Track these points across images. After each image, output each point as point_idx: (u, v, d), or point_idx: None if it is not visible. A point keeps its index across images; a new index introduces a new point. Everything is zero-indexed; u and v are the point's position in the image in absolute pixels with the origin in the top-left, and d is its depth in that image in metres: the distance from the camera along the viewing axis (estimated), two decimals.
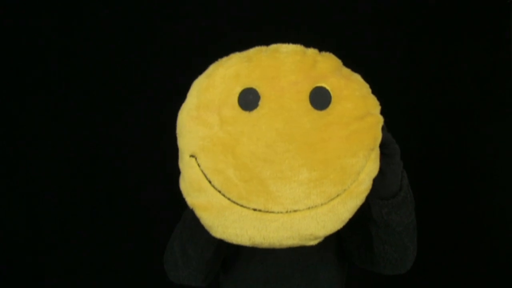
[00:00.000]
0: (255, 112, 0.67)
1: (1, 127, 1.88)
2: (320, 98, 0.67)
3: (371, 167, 0.69)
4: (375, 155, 0.70)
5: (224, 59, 0.73)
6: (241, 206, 0.66)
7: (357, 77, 0.71)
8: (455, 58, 1.90)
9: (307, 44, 0.72)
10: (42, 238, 1.89)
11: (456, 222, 1.88)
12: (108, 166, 1.89)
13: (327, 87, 0.68)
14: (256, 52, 0.70)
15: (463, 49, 1.90)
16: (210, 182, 0.67)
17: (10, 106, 1.88)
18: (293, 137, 0.66)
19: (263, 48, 0.71)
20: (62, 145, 1.88)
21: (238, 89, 0.68)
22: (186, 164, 0.69)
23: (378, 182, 0.73)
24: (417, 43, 1.90)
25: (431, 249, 1.88)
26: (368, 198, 0.73)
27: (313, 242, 0.68)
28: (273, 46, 0.71)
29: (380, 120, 0.70)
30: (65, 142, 1.88)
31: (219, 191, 0.66)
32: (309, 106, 0.67)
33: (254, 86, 0.68)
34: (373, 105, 0.70)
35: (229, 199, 0.66)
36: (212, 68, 0.74)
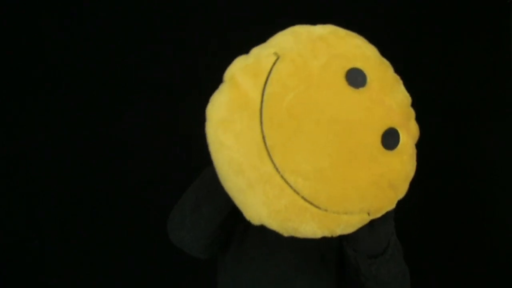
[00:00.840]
0: None
1: (1, 127, 1.88)
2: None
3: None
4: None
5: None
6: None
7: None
8: (455, 58, 1.90)
9: None
10: (42, 238, 1.89)
11: (456, 222, 1.88)
12: (108, 166, 1.89)
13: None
14: None
15: (463, 49, 1.90)
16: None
17: (10, 106, 1.88)
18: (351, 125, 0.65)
19: None
20: (62, 145, 1.88)
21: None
22: None
23: (368, 240, 0.74)
24: (417, 43, 1.90)
25: (431, 249, 1.88)
26: (356, 256, 0.75)
27: None
28: None
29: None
30: (65, 142, 1.88)
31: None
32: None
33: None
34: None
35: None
36: None
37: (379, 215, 0.67)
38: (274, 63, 0.64)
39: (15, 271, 1.89)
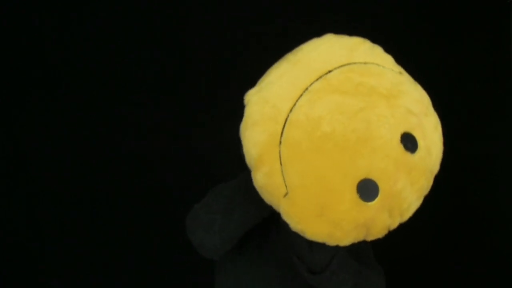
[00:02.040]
0: None
1: (1, 127, 1.88)
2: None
3: None
4: None
5: None
6: None
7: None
8: (455, 58, 1.90)
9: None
10: (42, 238, 1.89)
11: (456, 222, 1.88)
12: (108, 166, 1.89)
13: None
14: None
15: (463, 49, 1.90)
16: None
17: (10, 106, 1.88)
18: None
19: None
20: (62, 145, 1.88)
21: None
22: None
23: (306, 257, 0.77)
24: (417, 43, 1.89)
25: (431, 249, 1.88)
26: (298, 266, 0.78)
27: None
28: None
29: None
30: (65, 142, 1.88)
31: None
32: None
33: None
34: None
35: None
36: None
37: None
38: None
39: (15, 271, 1.89)
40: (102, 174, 1.88)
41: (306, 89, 0.66)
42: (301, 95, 0.66)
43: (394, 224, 0.70)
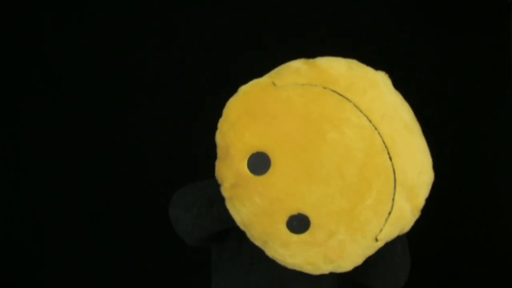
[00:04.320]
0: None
1: (1, 127, 1.88)
2: None
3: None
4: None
5: None
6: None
7: None
8: (455, 58, 1.90)
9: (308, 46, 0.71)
10: (42, 238, 1.89)
11: (456, 222, 1.88)
12: (108, 166, 1.89)
13: None
14: None
15: (463, 49, 1.90)
16: None
17: (10, 106, 1.88)
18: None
19: None
20: (62, 145, 1.88)
21: None
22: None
23: None
24: (417, 43, 1.90)
25: (430, 249, 1.88)
26: None
27: None
28: None
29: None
30: (65, 142, 1.88)
31: None
32: None
33: None
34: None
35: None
36: None
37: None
38: None
39: (15, 271, 1.89)
40: (102, 174, 1.88)
41: None
42: None
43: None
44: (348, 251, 0.68)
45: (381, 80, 0.71)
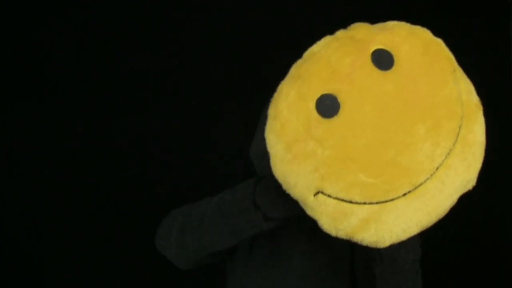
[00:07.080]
0: (340, 115, 0.60)
1: (1, 127, 1.88)
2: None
3: (464, 84, 0.70)
4: (461, 73, 0.70)
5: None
6: (392, 200, 0.61)
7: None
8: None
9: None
10: (42, 239, 1.89)
11: (456, 222, 1.88)
12: (108, 166, 1.89)
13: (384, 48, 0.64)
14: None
15: (463, 49, 1.90)
16: (350, 201, 0.60)
17: (10, 107, 1.88)
18: (387, 106, 0.61)
19: None
20: (62, 145, 1.89)
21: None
22: (315, 206, 0.61)
23: None
24: None
25: (431, 249, 1.88)
26: None
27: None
28: None
29: (437, 41, 0.70)
30: (65, 142, 1.89)
31: (364, 203, 0.60)
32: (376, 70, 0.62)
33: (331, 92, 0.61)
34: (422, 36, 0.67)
35: (378, 203, 0.61)
36: None
37: None
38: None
39: (15, 271, 1.89)
40: (102, 174, 1.89)
41: None
42: None
43: None
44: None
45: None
